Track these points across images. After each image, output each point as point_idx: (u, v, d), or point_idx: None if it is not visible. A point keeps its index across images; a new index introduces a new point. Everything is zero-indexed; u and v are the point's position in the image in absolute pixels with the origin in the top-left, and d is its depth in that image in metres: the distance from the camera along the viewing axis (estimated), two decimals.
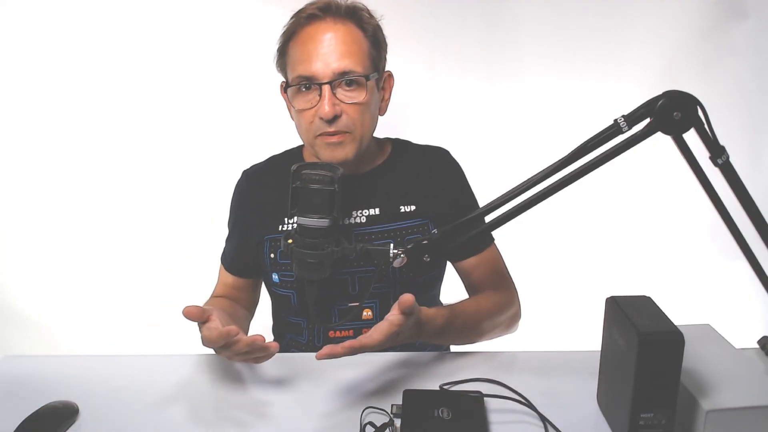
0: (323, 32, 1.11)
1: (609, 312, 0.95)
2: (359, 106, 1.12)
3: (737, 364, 0.98)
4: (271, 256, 1.25)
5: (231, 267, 1.33)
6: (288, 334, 1.34)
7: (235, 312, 1.28)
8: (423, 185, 1.28)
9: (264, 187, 1.28)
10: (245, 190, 1.30)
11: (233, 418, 1.01)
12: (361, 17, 1.15)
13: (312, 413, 1.01)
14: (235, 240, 1.32)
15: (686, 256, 2.40)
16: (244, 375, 1.14)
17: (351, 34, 1.13)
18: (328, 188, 1.01)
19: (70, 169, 2.24)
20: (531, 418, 0.98)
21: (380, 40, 1.18)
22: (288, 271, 1.24)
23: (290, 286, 1.25)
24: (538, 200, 0.94)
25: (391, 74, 1.23)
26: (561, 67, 2.25)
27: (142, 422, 1.00)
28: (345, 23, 1.13)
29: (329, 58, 1.10)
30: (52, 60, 2.14)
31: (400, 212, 1.25)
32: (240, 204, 1.31)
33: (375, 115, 1.20)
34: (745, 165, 1.16)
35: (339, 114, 1.11)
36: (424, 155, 1.33)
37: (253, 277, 1.33)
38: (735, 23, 2.22)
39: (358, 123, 1.13)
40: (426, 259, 1.01)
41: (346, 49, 1.11)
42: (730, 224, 0.93)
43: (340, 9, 1.13)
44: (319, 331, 1.28)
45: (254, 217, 1.27)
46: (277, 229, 1.24)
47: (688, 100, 0.87)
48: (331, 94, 1.10)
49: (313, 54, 1.10)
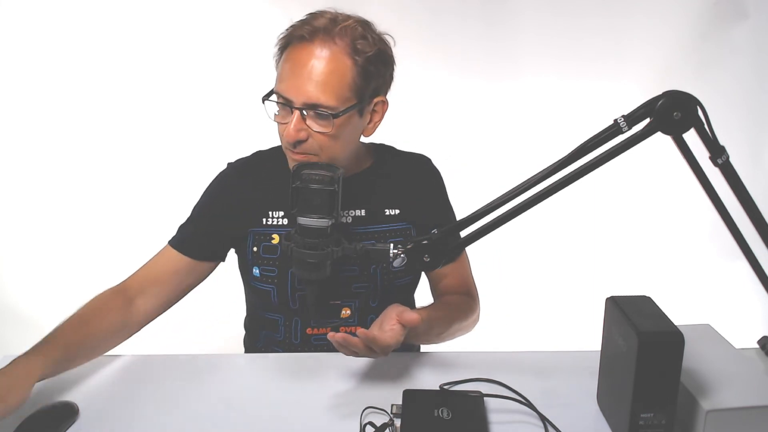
0: (307, 57, 1.08)
1: (609, 312, 0.95)
2: (326, 135, 1.11)
3: (737, 364, 0.98)
4: (254, 250, 1.24)
5: (187, 249, 1.24)
6: (262, 331, 1.33)
7: (99, 324, 1.14)
8: (407, 191, 1.29)
9: (249, 181, 1.26)
10: (230, 181, 1.27)
11: (233, 418, 1.01)
12: (354, 44, 1.09)
13: (312, 413, 1.01)
14: (204, 226, 1.26)
15: (686, 256, 2.40)
16: (244, 375, 1.14)
17: (335, 62, 1.08)
18: (328, 188, 1.01)
19: (71, 169, 2.25)
20: (531, 418, 0.98)
21: (371, 70, 1.12)
22: (270, 266, 1.24)
23: (271, 281, 1.24)
24: (538, 200, 0.94)
25: (386, 101, 1.19)
26: (561, 67, 2.25)
27: (142, 422, 1.00)
28: (333, 49, 1.09)
29: (305, 86, 1.08)
30: (43, 60, 2.14)
31: (384, 215, 1.26)
32: (222, 194, 1.27)
33: (349, 140, 1.18)
34: (745, 165, 1.16)
35: (304, 139, 1.11)
36: (408, 162, 1.34)
37: (208, 260, 1.27)
38: (735, 23, 2.22)
39: (324, 148, 1.12)
40: (426, 260, 1.02)
41: (323, 80, 1.08)
42: (730, 224, 0.93)
43: (331, 32, 1.09)
44: (296, 328, 1.27)
45: (237, 209, 1.24)
46: (262, 223, 1.24)
47: (688, 100, 0.87)
48: (300, 119, 1.09)
49: (292, 76, 1.09)
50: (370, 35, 1.12)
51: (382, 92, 1.18)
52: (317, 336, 1.27)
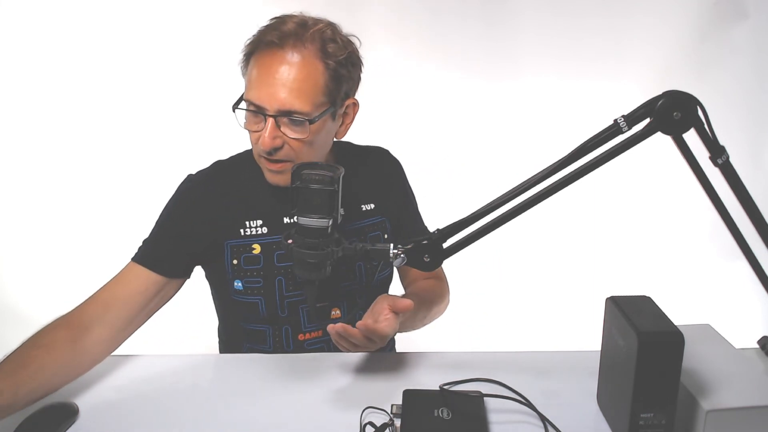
0: (278, 63, 1.07)
1: (609, 312, 0.95)
2: (301, 141, 1.11)
3: (737, 364, 0.98)
4: (233, 263, 1.21)
5: (158, 265, 1.17)
6: (246, 344, 1.28)
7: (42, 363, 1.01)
8: (377, 184, 1.31)
9: (217, 193, 1.22)
10: (197, 195, 1.23)
11: (233, 418, 1.01)
12: (325, 48, 1.09)
13: (312, 413, 1.01)
14: (175, 241, 1.20)
15: (686, 256, 2.41)
16: (244, 375, 1.14)
17: (307, 68, 1.07)
18: (328, 188, 1.01)
19: (70, 170, 2.25)
20: (531, 418, 0.98)
21: (342, 73, 1.11)
22: (254, 277, 1.21)
23: (257, 292, 1.22)
24: (538, 200, 0.94)
25: (356, 102, 1.19)
26: (561, 67, 2.25)
27: (142, 422, 1.00)
28: (304, 53, 1.07)
29: (278, 92, 1.07)
30: (44, 61, 2.14)
31: (362, 211, 1.28)
32: (191, 207, 1.22)
33: (323, 144, 1.18)
34: (745, 165, 1.16)
35: (279, 146, 1.11)
36: (371, 156, 1.35)
37: (179, 277, 1.21)
38: (735, 23, 2.22)
39: (300, 154, 1.12)
40: (426, 260, 1.02)
41: (297, 86, 1.07)
42: (730, 224, 0.93)
43: (301, 37, 1.07)
44: (287, 336, 1.25)
45: (210, 222, 1.20)
46: (240, 234, 1.21)
47: (688, 100, 0.87)
48: (274, 126, 1.09)
49: (264, 84, 1.08)
50: (339, 38, 1.12)
51: (352, 94, 1.18)
52: (310, 341, 1.26)
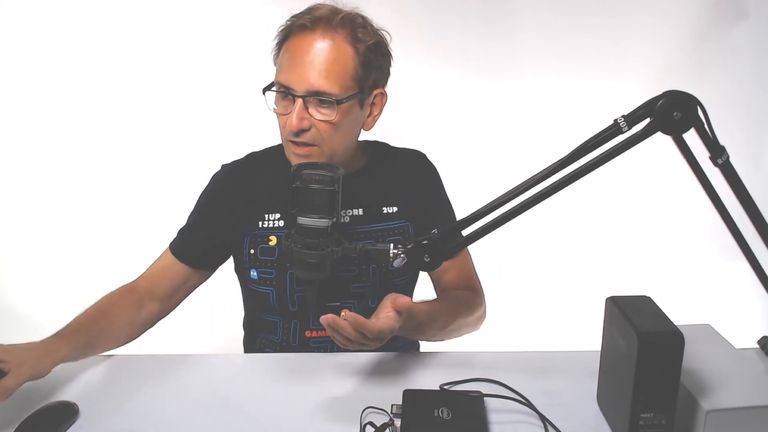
0: (310, 45, 1.10)
1: (609, 312, 0.95)
2: (329, 124, 1.11)
3: (737, 364, 0.98)
4: (251, 252, 1.24)
5: (185, 257, 1.24)
6: (261, 333, 1.32)
7: (117, 317, 1.17)
8: (404, 188, 1.29)
9: (243, 184, 1.25)
10: (224, 185, 1.27)
11: (233, 418, 1.01)
12: (355, 33, 1.11)
13: (312, 413, 1.01)
14: (202, 233, 1.26)
15: (686, 256, 2.40)
16: (244, 375, 1.14)
17: (337, 51, 1.10)
18: (328, 188, 1.01)
19: (70, 170, 2.25)
20: (531, 418, 0.98)
21: (372, 60, 1.13)
22: (267, 267, 1.23)
23: (269, 283, 1.24)
24: (538, 200, 0.94)
25: (385, 93, 1.20)
26: (561, 67, 2.25)
27: (142, 422, 1.00)
28: (335, 37, 1.10)
29: (308, 74, 1.09)
30: (44, 62, 2.14)
31: (382, 213, 1.26)
32: (217, 199, 1.27)
33: (350, 131, 1.18)
34: (745, 165, 1.16)
35: (307, 128, 1.11)
36: (404, 158, 1.34)
37: (206, 269, 1.27)
38: (735, 23, 2.22)
39: (326, 138, 1.13)
40: (426, 259, 1.01)
41: (326, 68, 1.09)
42: (730, 224, 0.93)
43: (332, 21, 1.10)
44: (295, 330, 1.27)
45: (232, 213, 1.24)
46: (258, 226, 1.23)
47: (688, 100, 0.87)
48: (303, 107, 1.10)
49: (294, 65, 1.10)
50: (368, 26, 1.15)
51: (381, 84, 1.19)
52: (316, 339, 1.26)
